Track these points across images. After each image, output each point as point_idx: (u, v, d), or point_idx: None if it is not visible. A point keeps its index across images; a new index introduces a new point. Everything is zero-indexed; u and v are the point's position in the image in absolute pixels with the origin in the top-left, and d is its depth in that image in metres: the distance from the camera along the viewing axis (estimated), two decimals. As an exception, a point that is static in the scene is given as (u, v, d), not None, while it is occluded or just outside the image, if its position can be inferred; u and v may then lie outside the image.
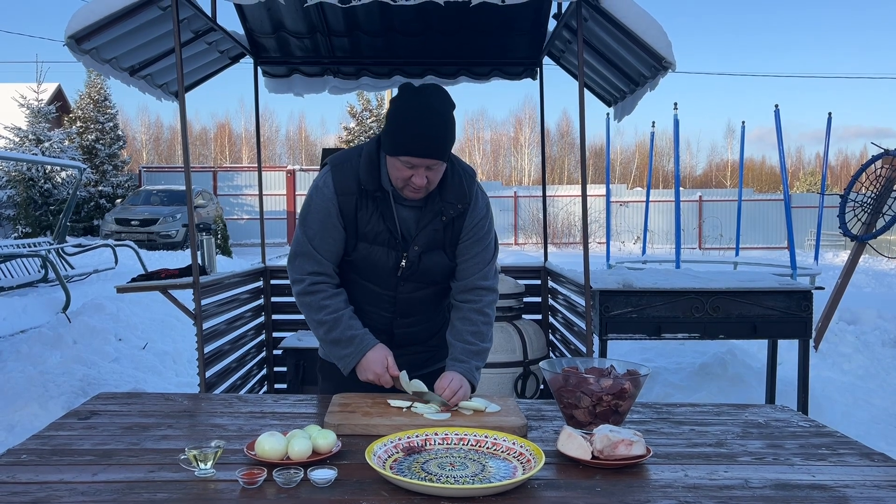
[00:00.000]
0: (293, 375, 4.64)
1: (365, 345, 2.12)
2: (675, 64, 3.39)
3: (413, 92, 2.01)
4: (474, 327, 2.20)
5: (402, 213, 2.12)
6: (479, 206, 2.19)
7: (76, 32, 3.29)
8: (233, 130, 53.92)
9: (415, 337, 2.29)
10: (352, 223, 2.11)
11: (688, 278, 4.34)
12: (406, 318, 2.25)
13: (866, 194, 7.08)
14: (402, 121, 1.97)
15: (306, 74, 5.22)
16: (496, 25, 4.67)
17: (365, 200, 2.10)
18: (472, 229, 2.17)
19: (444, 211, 2.12)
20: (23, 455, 1.66)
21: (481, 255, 2.20)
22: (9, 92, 22.87)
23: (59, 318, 7.20)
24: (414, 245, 2.12)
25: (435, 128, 1.97)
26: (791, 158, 55.05)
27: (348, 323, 2.13)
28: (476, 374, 2.17)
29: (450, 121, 2.00)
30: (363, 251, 2.13)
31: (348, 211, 2.10)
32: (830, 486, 1.54)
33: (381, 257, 2.13)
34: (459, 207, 2.13)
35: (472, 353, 2.18)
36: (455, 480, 1.50)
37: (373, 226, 2.10)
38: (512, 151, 51.94)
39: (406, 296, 2.20)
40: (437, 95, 2.00)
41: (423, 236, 2.12)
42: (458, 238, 2.17)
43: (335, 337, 2.13)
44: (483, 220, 2.20)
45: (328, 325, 2.13)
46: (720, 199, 24.98)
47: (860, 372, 6.02)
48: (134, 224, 18.87)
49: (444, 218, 2.12)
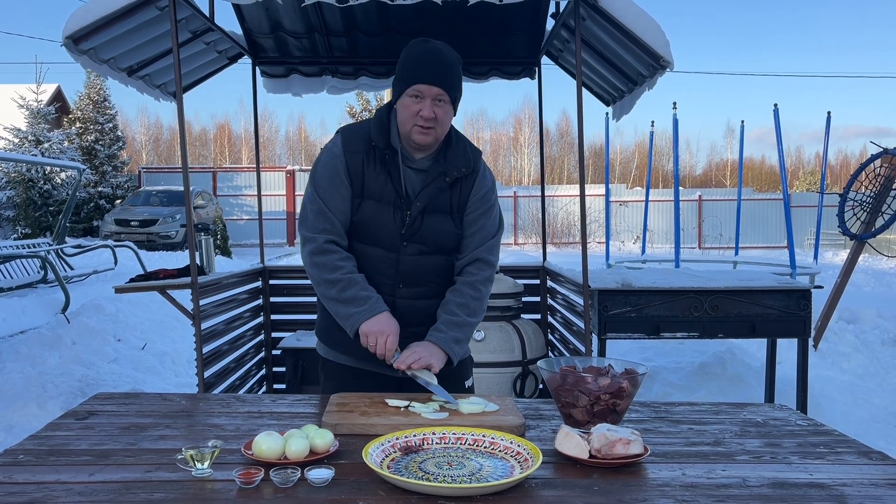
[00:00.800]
0: (292, 375, 4.64)
1: (379, 307, 2.13)
2: (674, 63, 3.39)
3: (420, 41, 2.15)
4: (462, 299, 2.21)
5: (408, 175, 2.17)
6: (486, 178, 2.26)
7: (74, 33, 3.29)
8: (232, 131, 53.99)
9: (419, 312, 2.23)
10: (358, 180, 2.15)
11: (686, 277, 4.34)
12: (409, 288, 2.21)
13: (865, 193, 7.08)
14: (411, 56, 2.11)
15: (305, 74, 5.22)
16: (494, 25, 4.67)
17: (372, 159, 2.15)
18: (479, 200, 2.23)
19: (448, 172, 2.18)
20: (20, 455, 1.66)
21: (487, 227, 2.25)
22: (8, 93, 22.88)
23: (59, 319, 7.20)
24: (416, 202, 2.15)
25: (441, 59, 2.09)
26: (791, 158, 55.12)
27: (363, 285, 2.15)
28: (454, 347, 2.16)
29: (457, 61, 2.13)
30: (368, 210, 2.15)
31: (355, 168, 2.15)
32: (828, 484, 1.53)
33: (385, 216, 2.15)
34: (463, 171, 2.20)
35: (452, 324, 2.17)
36: (452, 480, 1.49)
37: (380, 183, 2.14)
38: (511, 151, 51.98)
39: (410, 259, 2.18)
40: (444, 45, 2.14)
41: (425, 194, 2.16)
42: (464, 206, 2.22)
43: (349, 296, 2.12)
44: (489, 192, 2.26)
45: (343, 284, 2.12)
46: (720, 199, 24.98)
47: (859, 371, 6.02)
48: (133, 225, 18.88)
49: (447, 178, 2.17)
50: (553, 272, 4.82)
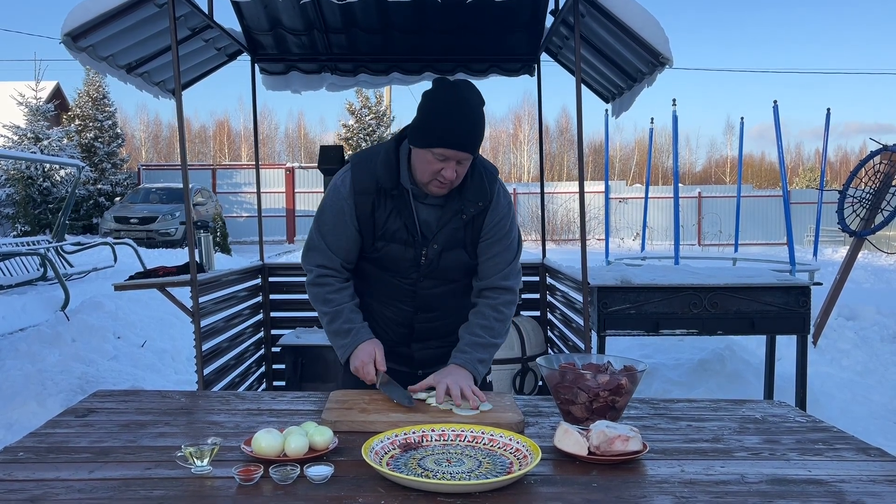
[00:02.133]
0: (291, 373, 4.64)
1: (359, 338, 2.15)
2: (673, 60, 3.39)
3: (449, 85, 2.01)
4: (485, 321, 2.19)
5: (421, 213, 2.12)
6: (500, 204, 2.17)
7: (73, 30, 3.29)
8: (232, 128, 53.89)
9: (435, 331, 2.28)
10: (368, 223, 2.12)
11: (686, 274, 4.34)
12: (427, 314, 2.25)
13: (865, 190, 7.08)
14: (438, 113, 1.97)
15: (304, 71, 5.22)
16: (493, 22, 4.66)
17: (382, 199, 2.10)
18: (493, 228, 2.16)
19: (465, 209, 2.11)
20: (20, 453, 1.66)
21: (502, 254, 2.19)
22: (7, 90, 22.86)
23: (58, 317, 7.20)
24: (433, 243, 2.12)
25: (470, 121, 1.97)
26: (790, 154, 55.09)
27: (348, 316, 2.17)
28: (479, 367, 2.14)
29: (483, 116, 2.02)
30: (382, 249, 2.14)
31: (364, 211, 2.11)
32: (826, 480, 1.54)
33: (400, 254, 2.14)
34: (480, 205, 2.12)
35: (476, 345, 2.16)
36: (452, 476, 1.50)
37: (390, 224, 2.11)
38: (511, 148, 51.94)
39: (426, 291, 2.20)
40: (471, 91, 2.01)
41: (443, 235, 2.12)
42: (478, 236, 2.17)
43: (335, 328, 2.18)
44: (504, 218, 2.17)
45: (330, 317, 2.19)
46: (719, 196, 24.96)
47: (859, 368, 6.03)
48: (133, 222, 18.88)
49: (464, 216, 2.11)
50: (552, 269, 4.82)
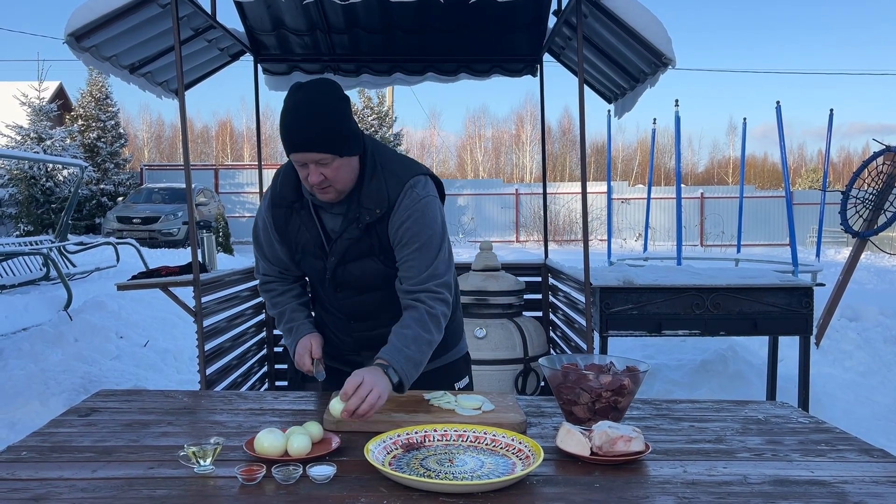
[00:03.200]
0: (293, 373, 4.62)
1: (300, 333, 2.18)
2: (676, 60, 3.39)
3: (293, 89, 1.92)
4: (416, 314, 1.99)
5: (327, 222, 2.08)
6: (403, 206, 2.00)
7: (76, 30, 3.29)
8: (234, 128, 54.01)
9: (378, 339, 2.06)
10: (285, 235, 2.13)
11: (688, 275, 4.34)
12: (361, 322, 2.18)
13: (868, 191, 7.07)
14: (283, 118, 1.92)
15: (306, 72, 5.22)
16: (496, 22, 4.67)
17: (291, 212, 2.10)
18: (397, 232, 2.02)
19: (360, 216, 2.01)
20: (23, 452, 1.66)
21: (414, 258, 2.01)
22: (10, 90, 22.89)
23: (61, 316, 7.21)
24: (331, 255, 2.07)
25: (304, 120, 1.87)
26: (793, 155, 55.00)
27: (290, 315, 2.22)
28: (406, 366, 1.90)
29: (328, 111, 1.88)
30: (301, 263, 2.16)
31: (279, 224, 2.12)
32: (829, 481, 1.53)
33: (312, 266, 2.13)
34: (377, 212, 2.00)
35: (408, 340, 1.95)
36: (454, 477, 1.50)
37: (300, 236, 2.10)
38: (513, 148, 51.94)
39: (349, 301, 2.14)
40: (317, 88, 1.91)
41: (339, 245, 2.05)
42: (387, 242, 2.04)
43: (283, 329, 2.24)
44: (408, 220, 2.00)
45: (277, 319, 2.26)
46: (722, 196, 24.93)
47: (861, 369, 6.01)
48: (135, 222, 18.90)
49: (359, 224, 2.01)
50: (555, 269, 4.82)
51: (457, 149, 53.69)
